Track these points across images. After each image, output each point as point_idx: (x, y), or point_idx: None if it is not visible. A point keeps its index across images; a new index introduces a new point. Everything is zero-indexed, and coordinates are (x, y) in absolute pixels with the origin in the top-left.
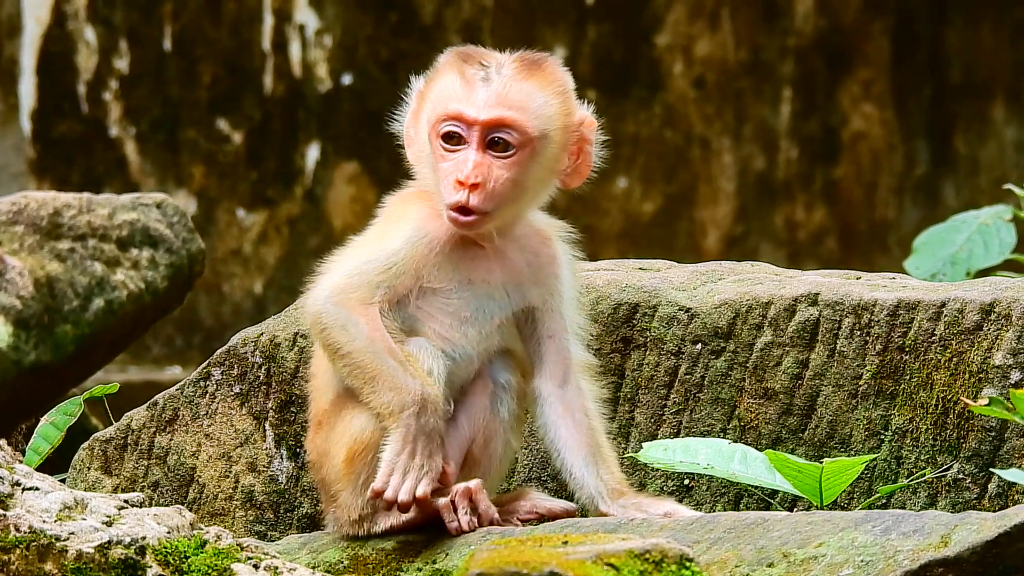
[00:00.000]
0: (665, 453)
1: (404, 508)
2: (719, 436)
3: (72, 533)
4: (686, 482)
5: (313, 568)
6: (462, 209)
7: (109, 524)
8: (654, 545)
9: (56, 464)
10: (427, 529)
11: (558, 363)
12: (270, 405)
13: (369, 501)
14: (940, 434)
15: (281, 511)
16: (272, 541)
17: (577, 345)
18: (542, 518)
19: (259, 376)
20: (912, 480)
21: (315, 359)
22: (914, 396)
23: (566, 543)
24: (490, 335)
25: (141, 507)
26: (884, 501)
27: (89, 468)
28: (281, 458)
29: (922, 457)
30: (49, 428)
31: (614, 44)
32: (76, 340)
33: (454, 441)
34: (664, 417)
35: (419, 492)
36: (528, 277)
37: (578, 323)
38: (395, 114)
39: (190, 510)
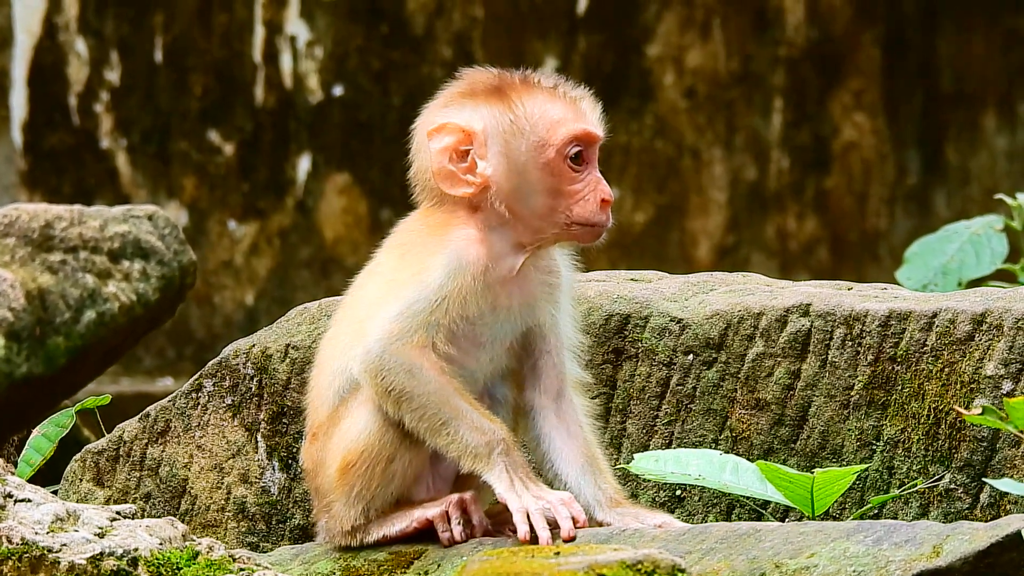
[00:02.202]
0: (656, 464)
1: (572, 539)
2: (711, 447)
3: (64, 545)
4: (678, 492)
5: None
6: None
7: (101, 536)
8: (646, 556)
9: (48, 476)
10: (419, 540)
11: (552, 377)
12: (262, 416)
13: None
14: (932, 444)
15: (273, 522)
16: (264, 552)
17: (572, 361)
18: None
19: (251, 388)
20: (904, 490)
21: (313, 371)
22: (906, 406)
23: (558, 554)
24: (499, 356)
25: (133, 519)
26: (876, 511)
27: (81, 480)
28: (273, 469)
29: (914, 467)
30: (41, 440)
31: (605, 54)
32: (68, 352)
33: None
34: (656, 428)
35: (577, 515)
36: (539, 294)
37: (573, 338)
38: (386, 125)
39: (182, 521)
